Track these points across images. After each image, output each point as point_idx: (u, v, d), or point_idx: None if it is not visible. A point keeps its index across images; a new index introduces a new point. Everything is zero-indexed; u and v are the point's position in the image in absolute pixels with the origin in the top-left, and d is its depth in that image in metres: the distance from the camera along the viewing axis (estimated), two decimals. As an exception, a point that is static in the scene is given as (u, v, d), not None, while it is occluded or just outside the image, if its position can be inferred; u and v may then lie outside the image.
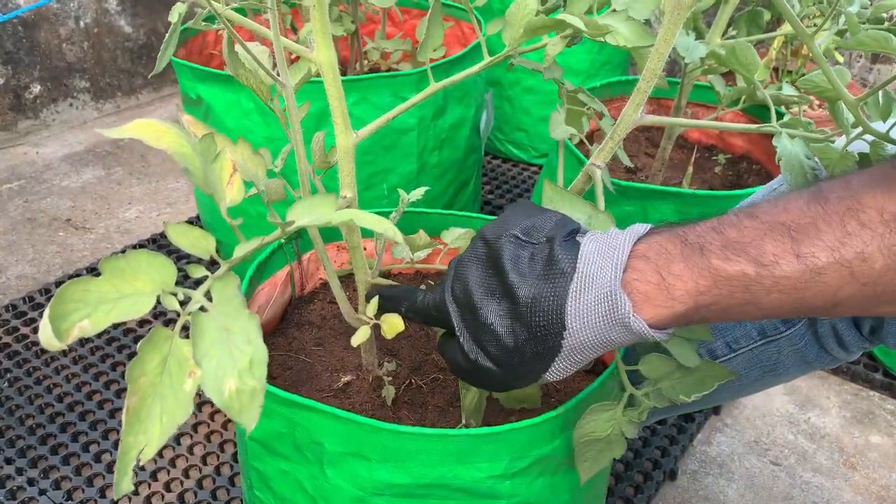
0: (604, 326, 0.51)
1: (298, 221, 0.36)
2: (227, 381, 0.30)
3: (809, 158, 0.66)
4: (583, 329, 0.52)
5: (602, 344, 0.52)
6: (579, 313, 0.51)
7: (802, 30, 0.52)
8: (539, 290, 0.52)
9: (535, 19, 0.53)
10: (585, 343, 0.52)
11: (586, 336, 0.52)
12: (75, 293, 0.30)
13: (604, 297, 0.50)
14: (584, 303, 0.51)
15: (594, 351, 0.53)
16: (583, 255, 0.52)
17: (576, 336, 0.52)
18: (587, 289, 0.51)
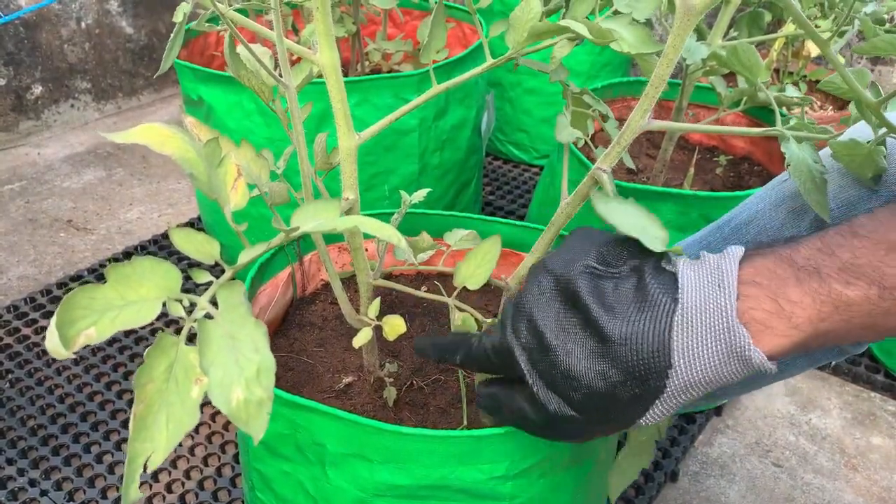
0: (718, 362, 0.47)
1: (303, 227, 0.36)
2: (234, 390, 0.30)
3: (817, 163, 0.66)
4: (692, 366, 0.47)
5: (713, 381, 0.48)
6: (688, 348, 0.47)
7: (817, 35, 0.52)
8: (636, 325, 0.47)
9: (539, 24, 0.53)
10: (694, 381, 0.47)
11: (696, 373, 0.47)
12: (81, 300, 0.31)
13: (717, 328, 0.46)
14: (693, 336, 0.47)
15: (703, 389, 0.48)
16: (684, 285, 0.48)
17: (683, 374, 0.47)
18: (695, 321, 0.47)
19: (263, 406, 0.31)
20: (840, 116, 1.58)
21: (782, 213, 0.72)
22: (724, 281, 0.47)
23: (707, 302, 0.47)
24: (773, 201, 0.74)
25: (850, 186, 0.68)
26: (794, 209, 0.71)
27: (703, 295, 0.47)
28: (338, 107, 0.54)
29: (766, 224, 0.73)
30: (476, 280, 0.63)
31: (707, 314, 0.47)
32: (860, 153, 0.63)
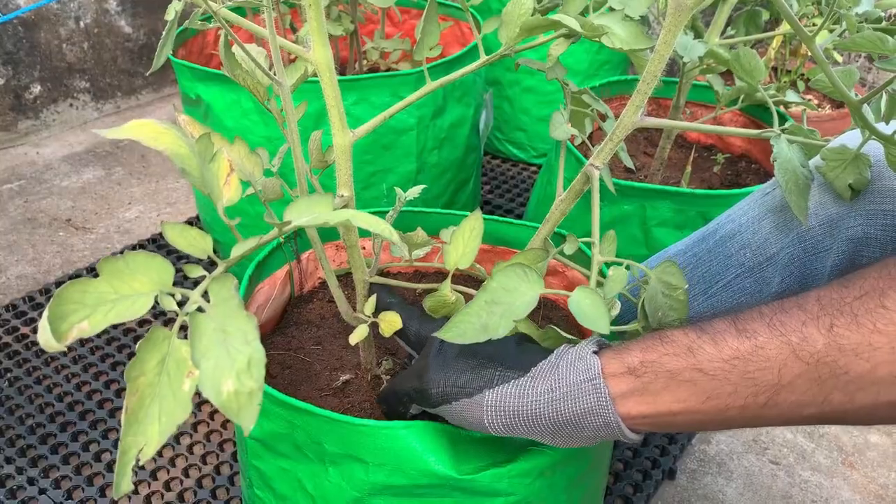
0: (566, 363, 0.55)
1: (295, 221, 0.36)
2: (225, 381, 0.30)
3: (804, 167, 0.66)
4: (550, 368, 0.55)
5: (555, 380, 0.55)
6: (554, 358, 0.56)
7: (804, 32, 0.52)
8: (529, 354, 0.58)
9: (531, 19, 0.53)
10: (543, 375, 0.55)
11: (550, 372, 0.55)
12: (73, 294, 0.31)
13: (578, 354, 0.55)
14: (563, 352, 0.56)
15: (542, 386, 0.55)
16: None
17: (543, 368, 0.56)
18: (566, 353, 0.56)
19: (254, 397, 0.31)
20: (838, 115, 1.58)
21: (766, 228, 0.73)
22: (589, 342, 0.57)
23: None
24: (756, 214, 0.74)
25: (830, 203, 0.68)
26: (777, 224, 0.72)
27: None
28: (332, 104, 0.55)
29: (750, 238, 0.74)
30: (465, 259, 0.64)
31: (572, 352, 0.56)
32: (846, 157, 0.63)
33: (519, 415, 0.55)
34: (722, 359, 0.50)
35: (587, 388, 0.53)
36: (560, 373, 0.55)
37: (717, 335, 0.51)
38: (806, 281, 0.71)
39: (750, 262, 0.73)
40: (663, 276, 0.59)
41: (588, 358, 0.54)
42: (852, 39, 0.57)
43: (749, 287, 0.73)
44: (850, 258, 0.68)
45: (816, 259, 0.69)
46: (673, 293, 0.58)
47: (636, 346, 0.54)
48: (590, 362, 0.54)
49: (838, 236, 0.68)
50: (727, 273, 0.75)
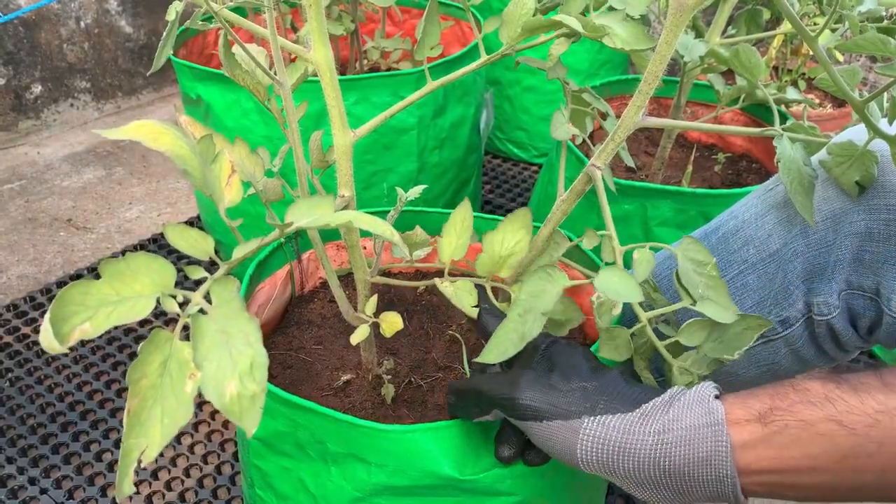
0: (683, 404, 0.51)
1: (297, 223, 0.36)
2: (227, 384, 0.30)
3: (807, 165, 0.66)
4: (662, 406, 0.52)
5: (667, 421, 0.51)
6: (667, 397, 0.52)
7: (806, 32, 0.52)
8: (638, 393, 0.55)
9: (532, 19, 0.53)
10: (653, 415, 0.52)
11: (662, 411, 0.51)
12: (75, 296, 0.31)
13: (696, 396, 0.52)
14: (677, 393, 0.53)
15: (651, 427, 0.51)
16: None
17: (654, 407, 0.52)
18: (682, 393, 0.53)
19: (257, 400, 0.31)
20: (839, 114, 1.58)
21: (769, 224, 0.72)
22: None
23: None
24: (759, 210, 0.74)
25: (834, 199, 0.68)
26: (780, 220, 0.72)
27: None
28: (332, 104, 0.55)
29: (753, 234, 0.73)
30: (459, 251, 0.64)
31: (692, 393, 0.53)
32: (853, 153, 0.63)
33: (619, 452, 0.50)
34: (866, 412, 0.45)
35: (706, 433, 0.48)
36: (675, 414, 0.50)
37: (860, 386, 0.47)
38: (809, 276, 0.71)
39: (753, 257, 0.73)
40: (689, 254, 0.58)
41: (710, 401, 0.50)
42: (854, 41, 0.57)
43: (752, 283, 0.73)
44: (854, 253, 0.68)
45: (820, 254, 0.69)
46: (703, 269, 0.57)
47: (764, 391, 0.49)
48: (712, 406, 0.49)
49: (842, 231, 0.68)
50: (730, 269, 0.75)
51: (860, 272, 0.68)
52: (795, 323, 0.73)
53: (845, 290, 0.69)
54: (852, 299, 0.69)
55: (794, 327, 0.73)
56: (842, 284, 0.69)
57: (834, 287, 0.70)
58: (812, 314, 0.72)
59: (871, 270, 0.67)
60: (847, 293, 0.70)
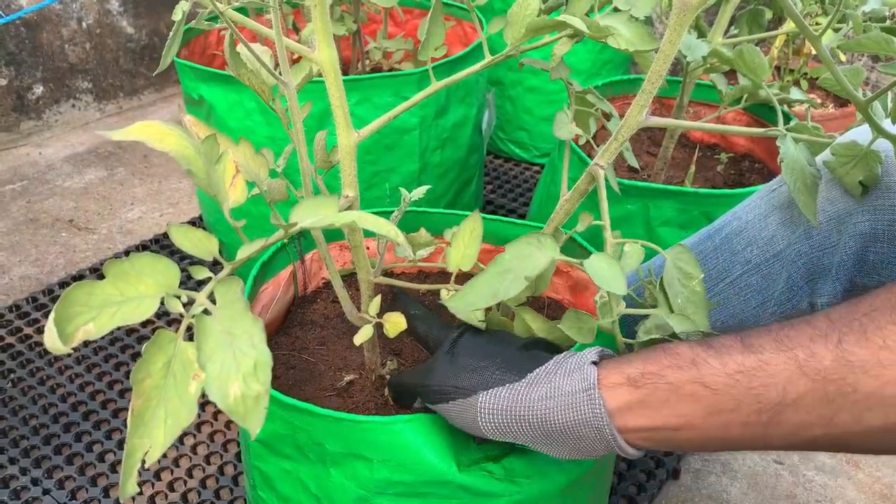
0: (563, 373, 0.54)
1: (301, 223, 0.36)
2: (231, 384, 0.30)
3: (811, 165, 0.66)
4: (546, 375, 0.56)
5: (549, 389, 0.55)
6: (551, 366, 0.56)
7: (810, 32, 0.52)
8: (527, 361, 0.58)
9: (536, 20, 0.53)
10: (538, 382, 0.55)
11: (545, 380, 0.55)
12: (79, 297, 0.31)
13: (576, 361, 0.55)
14: (557, 363, 0.56)
15: (538, 392, 0.55)
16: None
17: (539, 375, 0.56)
18: (564, 360, 0.56)
19: (261, 400, 0.31)
20: (841, 114, 1.57)
21: (773, 224, 0.72)
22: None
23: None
24: (763, 211, 0.74)
25: (837, 200, 0.68)
26: (784, 220, 0.72)
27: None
28: (336, 104, 0.54)
29: (757, 235, 0.73)
30: (468, 260, 0.64)
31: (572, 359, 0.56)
32: (857, 153, 0.63)
33: (512, 418, 0.55)
34: (726, 373, 0.49)
35: (582, 398, 0.52)
36: (556, 381, 0.54)
37: (722, 349, 0.50)
38: (813, 277, 0.70)
39: (756, 258, 0.73)
40: (678, 262, 0.58)
41: (586, 368, 0.53)
42: (858, 41, 0.57)
43: (755, 284, 0.73)
44: (858, 254, 0.68)
45: (824, 255, 0.69)
46: (689, 283, 0.57)
47: (638, 357, 0.53)
48: (587, 372, 0.53)
49: (846, 232, 0.67)
50: (733, 270, 0.74)
51: (864, 273, 0.68)
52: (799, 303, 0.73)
53: (849, 290, 0.69)
54: None
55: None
56: (846, 285, 0.69)
57: (838, 287, 0.69)
58: None
59: (874, 271, 0.67)
60: (851, 294, 0.69)
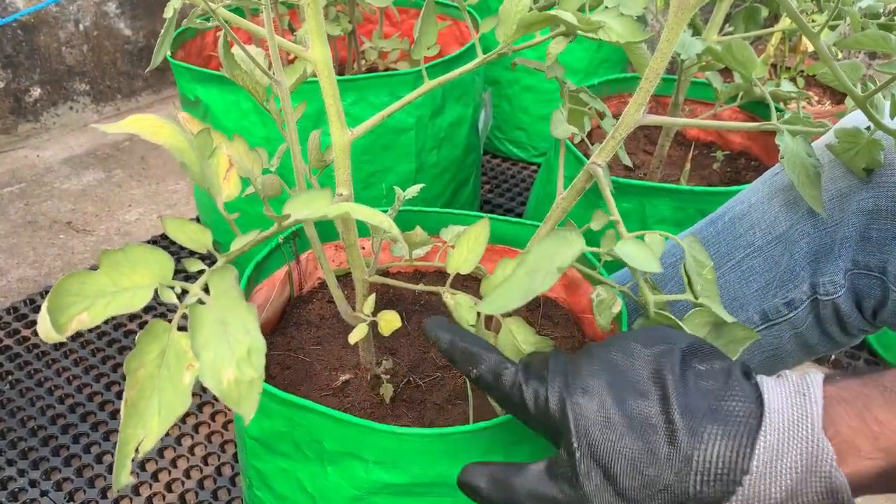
0: (796, 476, 0.42)
1: (295, 215, 0.36)
2: (225, 370, 0.30)
3: (811, 156, 0.66)
4: (767, 475, 0.42)
5: (781, 501, 0.43)
6: (769, 455, 0.42)
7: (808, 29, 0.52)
8: (720, 421, 0.43)
9: (527, 15, 0.53)
10: (763, 496, 0.42)
11: (769, 486, 0.42)
12: (73, 286, 0.31)
13: (801, 438, 0.42)
14: (775, 442, 0.42)
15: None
16: (769, 393, 0.44)
17: (757, 484, 0.42)
18: (779, 430, 0.43)
19: (254, 385, 0.31)
20: (837, 111, 1.58)
21: (776, 207, 0.72)
22: (809, 392, 0.44)
23: (791, 410, 0.43)
24: (766, 194, 0.74)
25: (840, 178, 0.68)
26: (787, 202, 0.72)
27: (788, 404, 0.44)
28: (330, 102, 0.55)
29: (759, 218, 0.73)
30: (468, 264, 0.63)
31: (790, 422, 0.43)
32: (860, 141, 0.63)
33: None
34: None
35: (827, 502, 0.43)
36: (792, 494, 0.43)
37: None
38: (815, 257, 0.71)
39: (759, 241, 0.73)
40: (692, 251, 0.58)
41: (833, 476, 0.42)
42: (855, 38, 0.57)
43: (758, 266, 0.73)
44: (862, 231, 0.68)
45: (827, 233, 0.69)
46: (701, 271, 0.57)
47: (893, 434, 0.43)
48: (836, 482, 0.42)
49: (849, 209, 0.68)
50: (736, 253, 0.75)
51: (867, 250, 0.68)
52: (800, 305, 0.73)
53: (851, 269, 0.69)
54: (858, 279, 0.69)
55: (799, 309, 0.73)
56: (848, 263, 0.69)
57: (840, 265, 0.70)
58: (818, 295, 0.72)
59: (877, 248, 0.67)
60: (853, 272, 0.70)
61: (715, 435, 0.43)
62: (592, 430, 0.45)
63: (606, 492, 0.45)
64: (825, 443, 0.42)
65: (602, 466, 0.45)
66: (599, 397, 0.46)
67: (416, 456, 0.62)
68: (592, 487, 0.45)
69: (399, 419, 0.72)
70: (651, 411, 0.45)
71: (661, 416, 0.44)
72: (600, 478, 0.45)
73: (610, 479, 0.45)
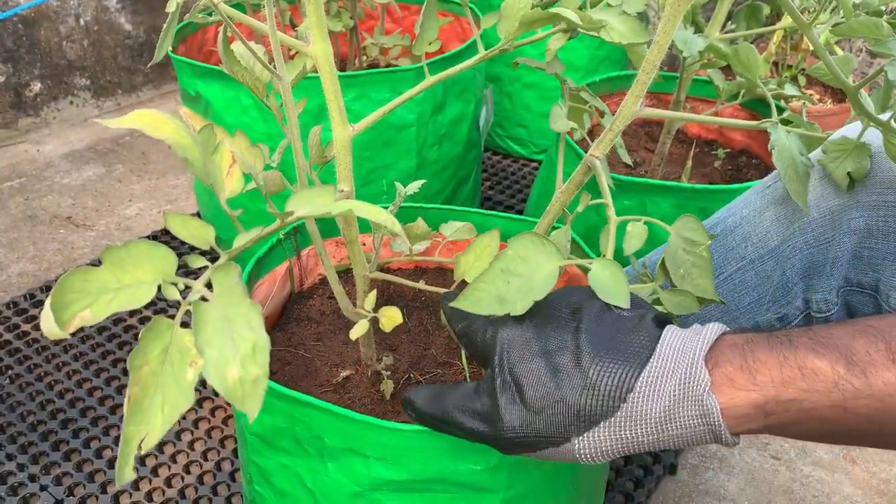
0: (673, 399, 0.47)
1: (297, 212, 0.36)
2: (229, 368, 0.30)
3: (803, 155, 0.66)
4: (649, 396, 0.47)
5: (660, 421, 0.48)
6: (652, 377, 0.47)
7: (801, 20, 0.53)
8: (618, 349, 0.49)
9: (530, 12, 0.53)
10: (644, 414, 0.47)
11: (649, 405, 0.47)
12: (76, 283, 0.31)
13: (681, 368, 0.47)
14: (660, 368, 0.48)
15: (646, 428, 0.48)
16: (668, 333, 0.50)
17: (639, 402, 0.47)
18: (665, 359, 0.48)
19: (259, 383, 0.31)
20: (839, 109, 1.58)
21: (767, 221, 0.73)
22: (702, 333, 0.49)
23: (680, 345, 0.49)
24: (757, 207, 0.74)
25: (831, 196, 0.68)
26: (778, 217, 0.72)
27: (680, 341, 0.49)
28: (331, 98, 0.55)
29: (751, 231, 0.74)
30: (474, 272, 0.63)
31: (676, 353, 0.48)
32: (847, 147, 0.63)
33: (618, 451, 0.50)
34: (872, 395, 0.45)
35: (703, 429, 0.47)
36: (665, 413, 0.47)
37: (867, 366, 0.45)
38: (808, 273, 0.71)
39: (751, 254, 0.73)
40: (682, 232, 0.58)
41: (705, 399, 0.46)
42: (848, 25, 0.57)
43: (750, 280, 0.73)
44: (853, 249, 0.68)
45: (818, 251, 0.69)
46: (695, 249, 0.57)
47: (767, 368, 0.47)
48: (707, 405, 0.46)
49: (840, 228, 0.68)
50: (728, 266, 0.75)
51: (859, 268, 0.68)
52: (794, 320, 0.73)
53: (844, 286, 0.70)
54: (851, 296, 0.70)
55: (792, 325, 0.73)
56: (840, 281, 0.69)
57: (833, 283, 0.70)
58: (811, 311, 0.72)
59: (870, 267, 0.67)
60: (846, 290, 0.70)
61: (611, 358, 0.49)
62: (513, 351, 0.52)
63: (515, 403, 0.51)
64: (702, 371, 0.47)
65: (515, 381, 0.51)
66: (524, 327, 0.53)
67: (416, 452, 0.62)
68: (505, 398, 0.51)
69: (399, 415, 0.72)
70: (564, 338, 0.51)
71: (572, 342, 0.51)
72: (512, 390, 0.51)
73: (519, 392, 0.51)
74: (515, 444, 0.51)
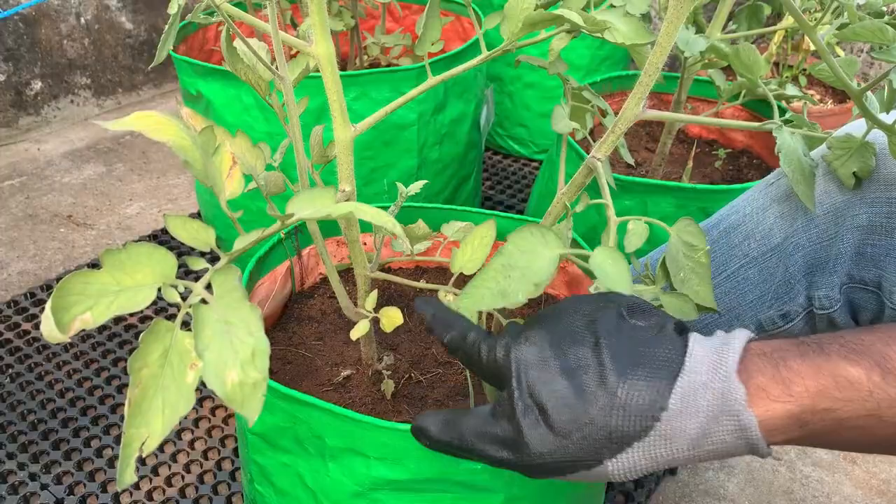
0: (709, 414, 0.45)
1: (298, 214, 0.36)
2: (229, 372, 0.30)
3: (807, 155, 0.66)
4: (683, 413, 0.45)
5: (696, 438, 0.46)
6: (685, 394, 0.45)
7: (805, 22, 0.52)
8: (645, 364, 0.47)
9: (533, 14, 0.53)
10: (679, 432, 0.45)
11: (684, 423, 0.45)
12: (76, 286, 0.31)
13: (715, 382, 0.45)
14: (692, 383, 0.45)
15: (681, 447, 0.46)
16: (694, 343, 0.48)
17: (673, 420, 0.45)
18: (697, 373, 0.46)
19: (258, 388, 0.31)
20: (840, 110, 1.58)
21: (770, 218, 0.73)
22: (730, 343, 0.47)
23: (711, 357, 0.46)
24: (760, 205, 0.74)
25: (835, 192, 0.68)
26: (782, 213, 0.72)
27: (709, 352, 0.47)
28: (333, 98, 0.55)
29: (754, 228, 0.73)
30: (472, 265, 0.63)
31: (708, 367, 0.46)
32: (852, 146, 0.63)
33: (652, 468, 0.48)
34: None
35: (740, 446, 0.46)
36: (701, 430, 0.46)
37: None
38: (811, 270, 0.71)
39: (754, 251, 0.73)
40: (683, 235, 0.57)
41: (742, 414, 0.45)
42: (852, 29, 0.57)
43: (753, 277, 0.73)
44: (857, 246, 0.68)
45: (821, 248, 0.69)
46: (694, 254, 0.57)
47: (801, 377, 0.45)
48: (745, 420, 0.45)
49: (844, 224, 0.68)
50: (731, 263, 0.75)
51: (862, 265, 0.68)
52: (796, 317, 0.73)
53: (847, 283, 0.70)
54: (854, 293, 0.70)
55: (794, 321, 0.73)
56: (843, 278, 0.69)
57: (835, 280, 0.70)
58: (813, 308, 0.72)
59: (872, 263, 0.67)
60: (849, 286, 0.70)
61: (639, 375, 0.46)
62: (531, 371, 0.49)
63: (540, 426, 0.48)
64: (737, 384, 0.45)
65: (537, 403, 0.48)
66: (539, 345, 0.50)
67: (417, 452, 0.62)
68: (528, 423, 0.48)
69: (400, 415, 0.72)
70: (584, 355, 0.48)
71: (594, 359, 0.48)
72: (535, 414, 0.48)
73: (543, 415, 0.48)
74: (544, 469, 0.49)
